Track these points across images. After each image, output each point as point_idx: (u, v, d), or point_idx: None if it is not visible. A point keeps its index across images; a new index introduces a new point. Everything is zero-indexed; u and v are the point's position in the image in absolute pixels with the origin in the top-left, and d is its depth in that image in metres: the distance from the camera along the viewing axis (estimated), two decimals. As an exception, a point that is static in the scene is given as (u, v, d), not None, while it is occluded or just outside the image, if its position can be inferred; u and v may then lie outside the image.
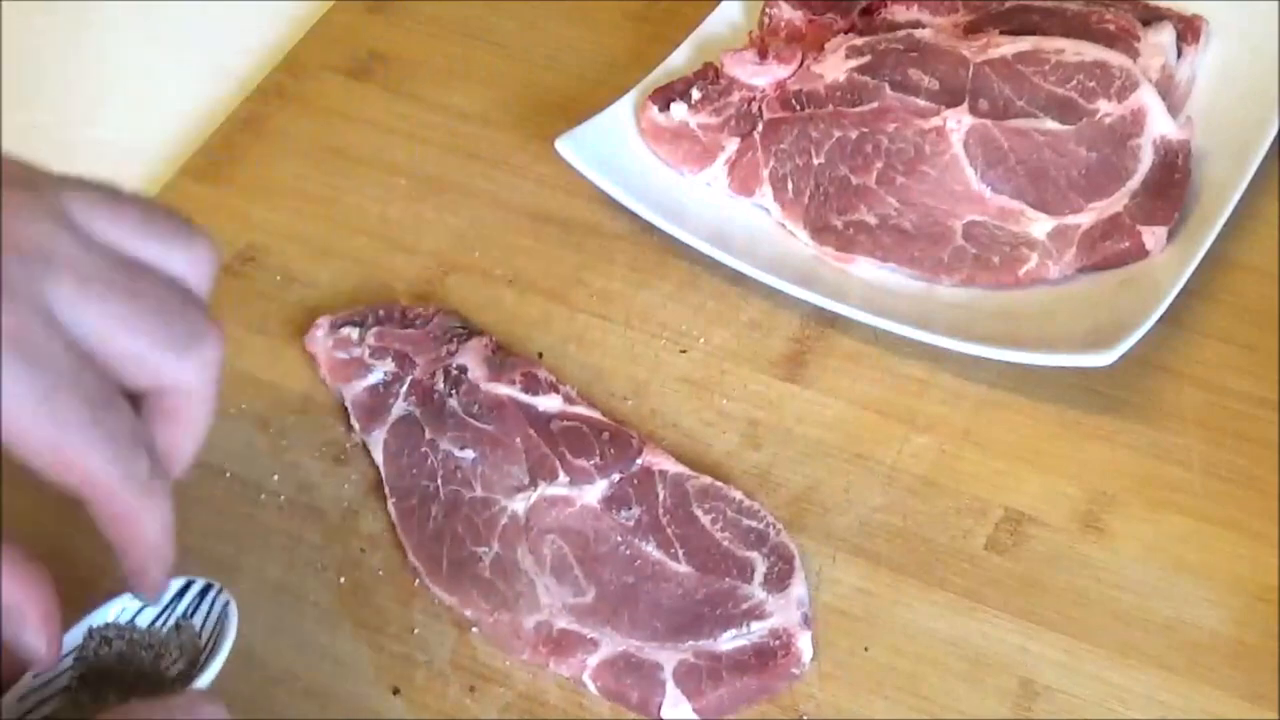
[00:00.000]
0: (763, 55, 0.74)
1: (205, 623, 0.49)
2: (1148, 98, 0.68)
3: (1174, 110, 0.70)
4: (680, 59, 0.77)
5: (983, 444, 0.63)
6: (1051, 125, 0.69)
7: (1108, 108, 0.69)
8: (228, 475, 0.64)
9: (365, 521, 0.63)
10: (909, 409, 0.65)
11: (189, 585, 0.50)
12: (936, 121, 0.70)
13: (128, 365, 0.41)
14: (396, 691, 0.58)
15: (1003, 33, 0.72)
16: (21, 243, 0.39)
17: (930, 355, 0.65)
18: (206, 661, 0.47)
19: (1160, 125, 0.68)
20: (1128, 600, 0.58)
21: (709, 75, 0.75)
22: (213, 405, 0.44)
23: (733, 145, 0.73)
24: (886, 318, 0.65)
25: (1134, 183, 0.68)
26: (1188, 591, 0.58)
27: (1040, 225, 0.68)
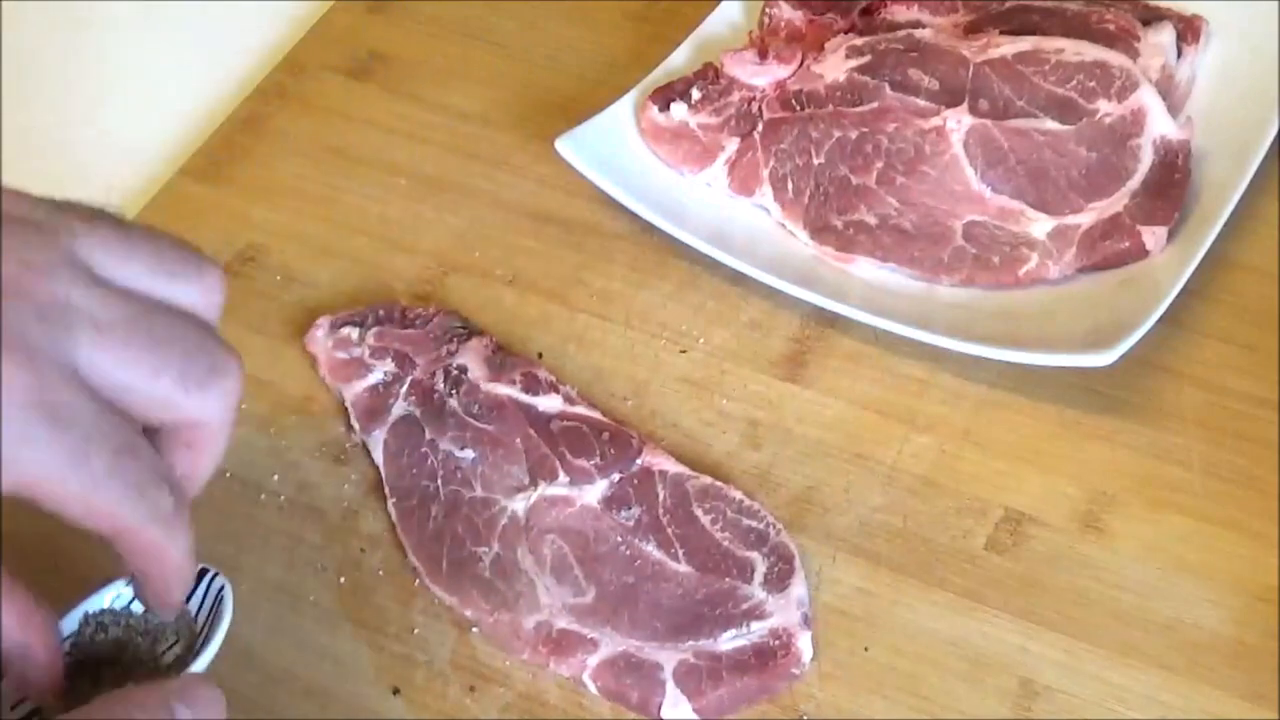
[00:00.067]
0: (763, 55, 0.74)
1: (201, 607, 0.49)
2: (1148, 98, 0.68)
3: (1174, 110, 0.70)
4: (680, 59, 0.77)
5: (983, 444, 0.63)
6: (1051, 125, 0.69)
7: (1108, 108, 0.69)
8: (228, 475, 0.64)
9: (365, 521, 0.63)
10: (909, 409, 0.65)
11: None
12: (936, 121, 0.70)
13: (151, 407, 0.41)
14: (396, 691, 0.58)
15: (1003, 33, 0.72)
16: (39, 296, 0.39)
17: (930, 355, 0.65)
18: (203, 646, 0.47)
19: (1160, 125, 0.68)
20: (1128, 600, 0.58)
21: (709, 75, 0.75)
22: (230, 430, 0.44)
23: (733, 145, 0.73)
24: (886, 318, 0.65)
25: (1134, 183, 0.68)
26: (1188, 591, 0.58)
27: (1040, 225, 0.68)
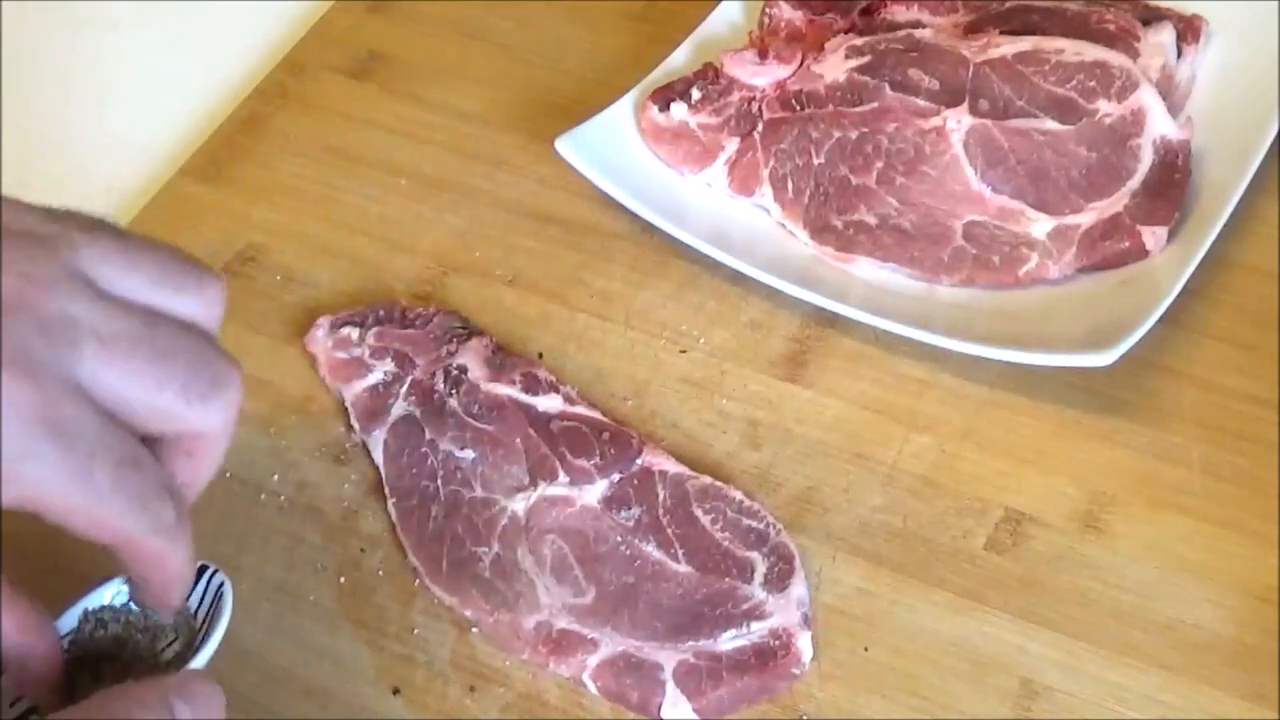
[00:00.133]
0: (763, 55, 0.74)
1: (201, 604, 0.49)
2: (1148, 98, 0.68)
3: (1174, 110, 0.70)
4: (680, 59, 0.77)
5: (983, 444, 0.63)
6: (1051, 125, 0.69)
7: (1108, 108, 0.69)
8: (228, 475, 0.64)
9: (365, 521, 0.63)
10: (909, 409, 0.65)
11: None
12: (936, 121, 0.70)
13: (153, 419, 0.41)
14: (396, 691, 0.58)
15: (1003, 33, 0.72)
16: (41, 311, 0.39)
17: (930, 355, 0.65)
18: (202, 642, 0.47)
19: (1160, 125, 0.68)
20: (1128, 600, 0.58)
21: (709, 75, 0.75)
22: (230, 438, 0.44)
23: (733, 145, 0.73)
24: (886, 318, 0.65)
25: (1134, 183, 0.67)
26: (1188, 591, 0.58)
27: (1040, 225, 0.68)
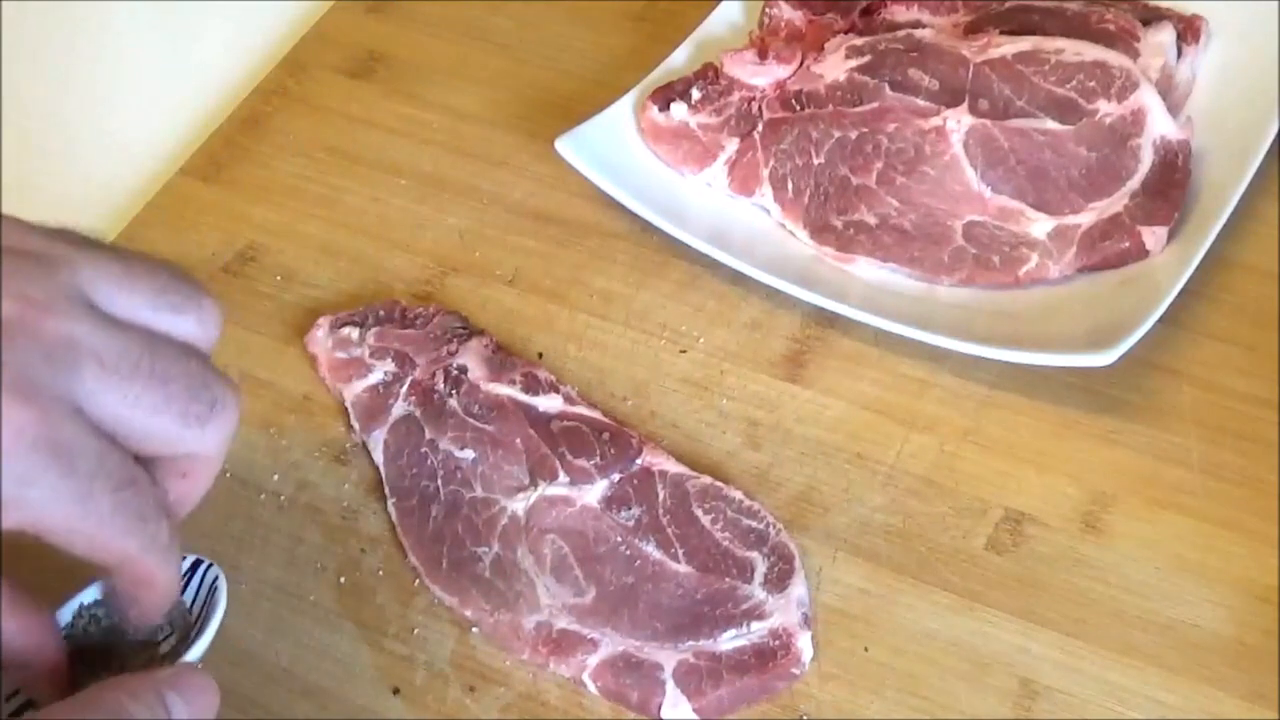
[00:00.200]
0: (763, 55, 0.74)
1: (196, 598, 0.49)
2: (1148, 98, 0.68)
3: (1174, 110, 0.70)
4: (680, 59, 0.77)
5: (983, 444, 0.63)
6: (1051, 125, 0.69)
7: (1108, 108, 0.69)
8: (228, 475, 0.64)
9: (365, 521, 0.63)
10: (909, 409, 0.65)
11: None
12: (936, 121, 0.70)
13: (151, 441, 0.42)
14: (396, 691, 0.58)
15: (1003, 33, 0.72)
16: (44, 334, 0.39)
17: (930, 355, 0.65)
18: (196, 636, 0.47)
19: (1160, 125, 0.68)
20: (1128, 600, 0.58)
21: (709, 75, 0.75)
22: (223, 459, 0.44)
23: (733, 145, 0.73)
24: (886, 318, 0.65)
25: (1134, 183, 0.68)
26: (1188, 591, 0.58)
27: (1040, 225, 0.68)
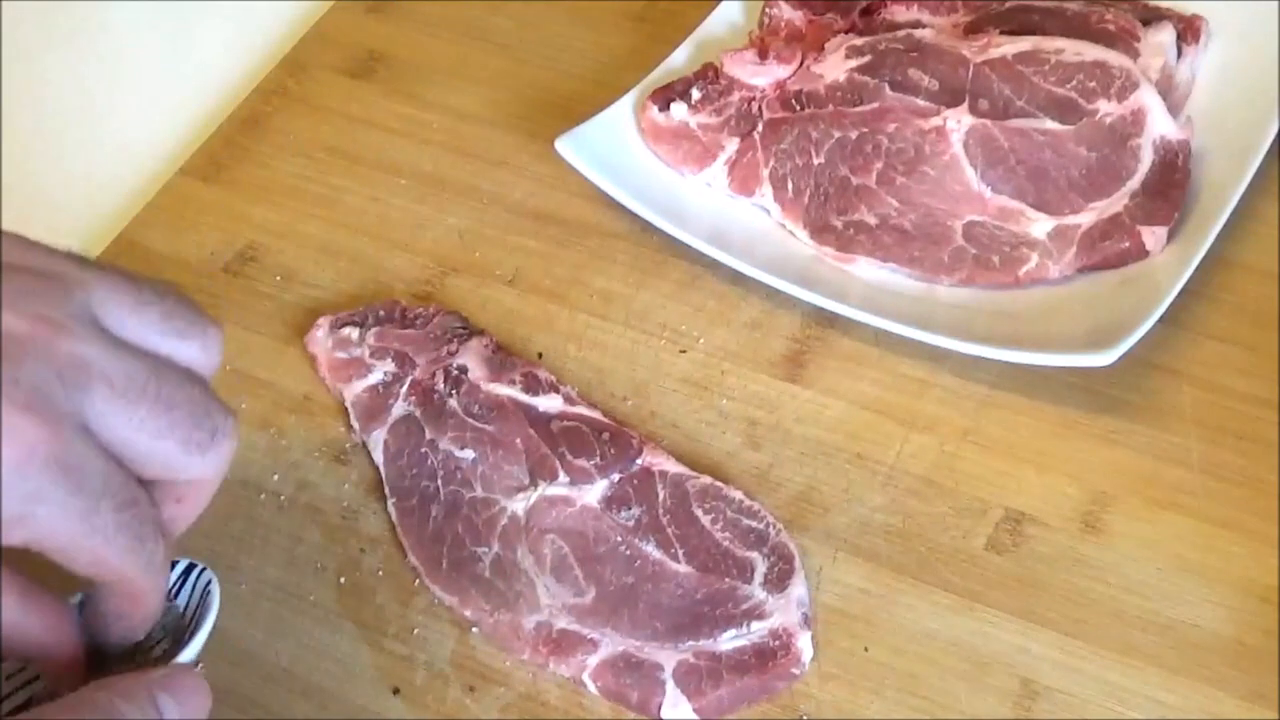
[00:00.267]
0: (763, 55, 0.74)
1: (189, 602, 0.49)
2: (1148, 98, 0.68)
3: (1174, 110, 0.70)
4: (680, 59, 0.77)
5: (983, 444, 0.63)
6: (1051, 125, 0.69)
7: (1108, 108, 0.69)
8: (228, 475, 0.64)
9: (365, 521, 0.63)
10: (909, 409, 0.65)
11: (172, 566, 0.50)
12: (936, 121, 0.70)
13: (152, 465, 0.42)
14: (396, 692, 0.58)
15: (1003, 33, 0.72)
16: (57, 353, 0.40)
17: (930, 355, 0.65)
18: (189, 640, 0.47)
19: (1160, 125, 0.68)
20: (1128, 600, 0.58)
21: (709, 75, 0.75)
22: (218, 484, 0.45)
23: (733, 145, 0.73)
24: (886, 318, 0.65)
25: (1134, 183, 0.68)
26: (1188, 591, 0.58)
27: (1040, 225, 0.68)
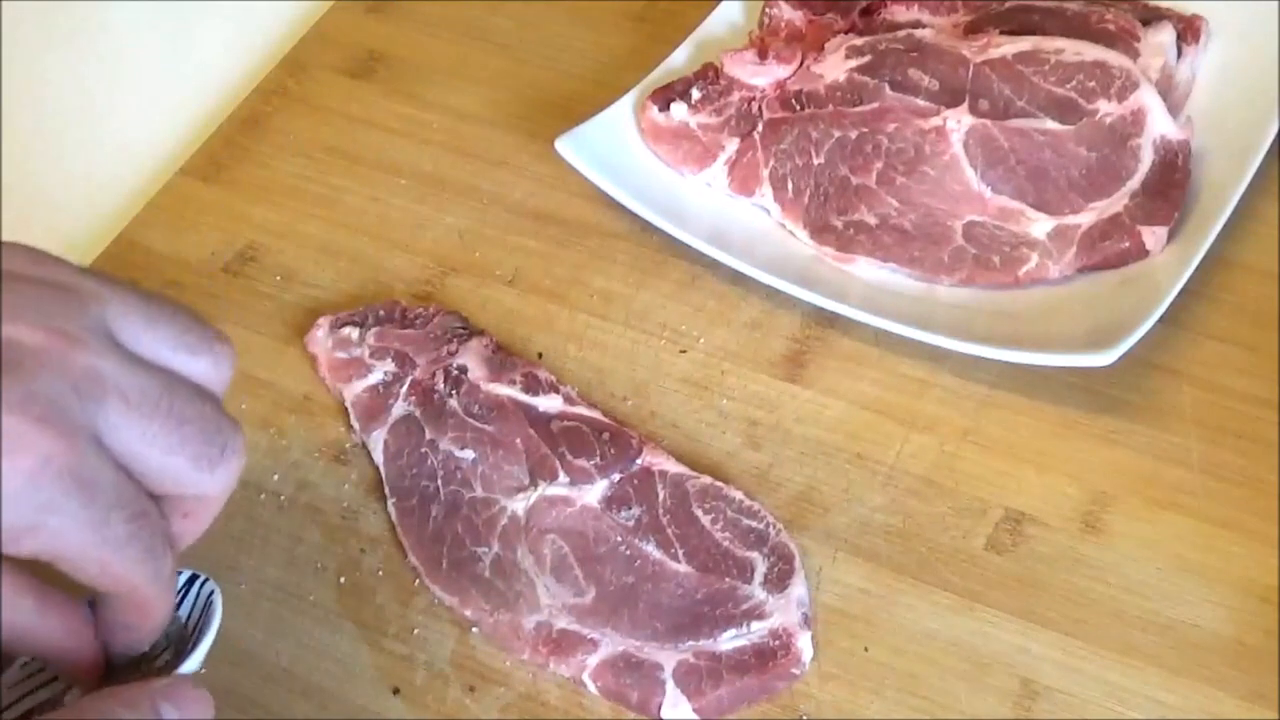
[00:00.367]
0: (763, 55, 0.74)
1: (191, 612, 0.49)
2: (1148, 98, 0.68)
3: (1174, 110, 0.70)
4: (680, 59, 0.77)
5: (983, 444, 0.63)
6: (1051, 125, 0.69)
7: (1108, 108, 0.69)
8: (228, 475, 0.64)
9: (365, 521, 0.63)
10: (909, 409, 0.65)
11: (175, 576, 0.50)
12: (936, 121, 0.70)
13: (162, 480, 0.42)
14: (396, 692, 0.58)
15: (1003, 33, 0.72)
16: (73, 367, 0.40)
17: (930, 355, 0.65)
18: (191, 650, 0.47)
19: (1160, 125, 0.68)
20: (1128, 600, 0.58)
21: (709, 75, 0.75)
22: (225, 501, 0.45)
23: (733, 145, 0.73)
24: (886, 318, 0.65)
25: (1134, 183, 0.67)
26: (1188, 591, 0.58)
27: (1040, 225, 0.68)
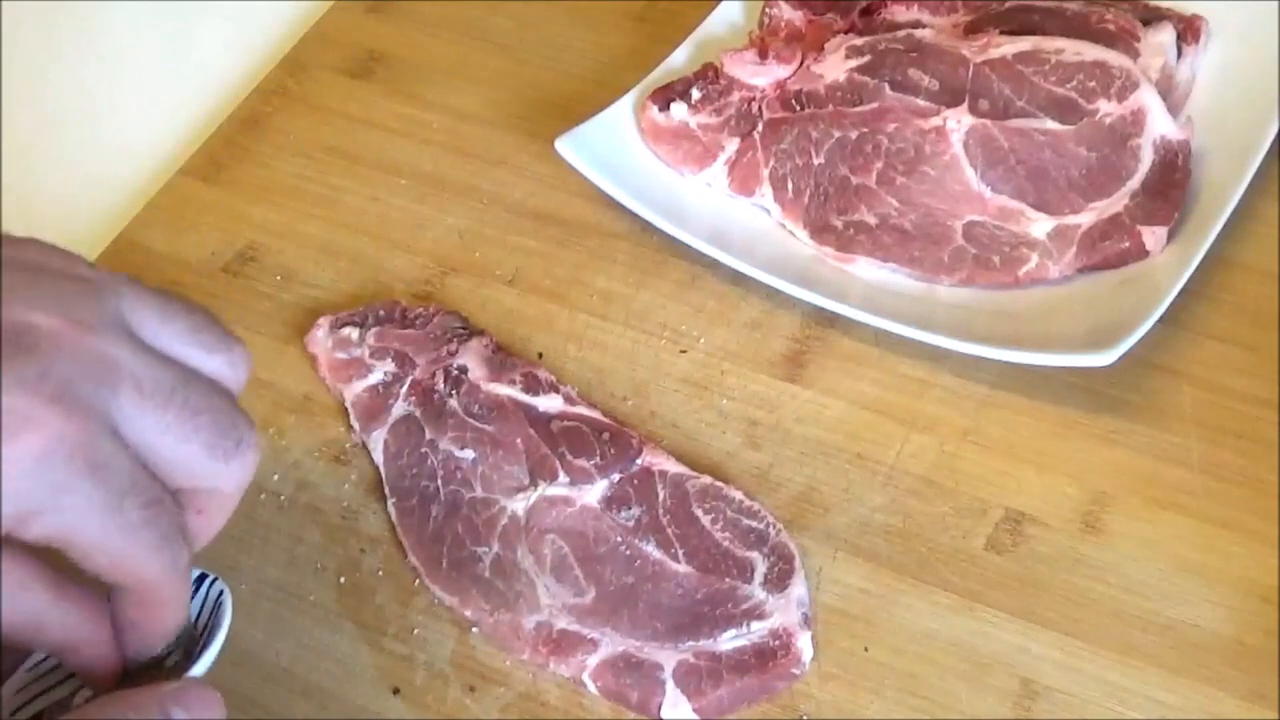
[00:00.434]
0: (763, 55, 0.74)
1: (201, 612, 0.49)
2: (1148, 98, 0.68)
3: (1174, 110, 0.70)
4: (680, 59, 0.77)
5: (983, 444, 0.63)
6: (1051, 125, 0.69)
7: (1108, 108, 0.69)
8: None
9: (365, 521, 0.63)
10: (909, 409, 0.65)
11: None
12: (936, 121, 0.70)
13: (177, 471, 0.43)
14: (396, 692, 0.58)
15: (1003, 33, 0.72)
16: (87, 351, 0.40)
17: (930, 355, 0.65)
18: (201, 652, 0.47)
19: (1160, 125, 0.68)
20: (1128, 600, 0.58)
21: (709, 75, 0.75)
22: (239, 499, 0.45)
23: (733, 145, 0.73)
24: (886, 318, 0.65)
25: (1134, 183, 0.67)
26: (1188, 591, 0.58)
27: (1040, 225, 0.68)
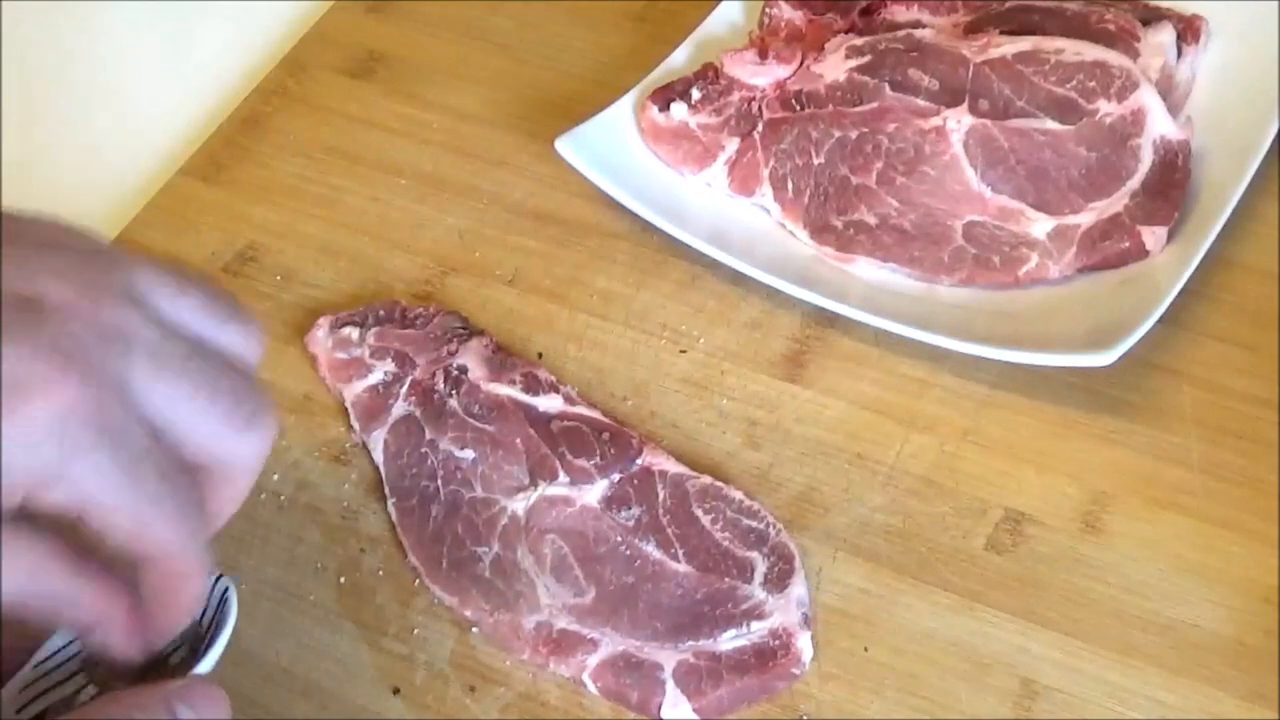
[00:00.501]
0: (763, 55, 0.74)
1: (206, 610, 0.49)
2: (1148, 98, 0.68)
3: (1174, 110, 0.70)
4: (680, 59, 0.77)
5: (983, 444, 0.63)
6: (1051, 125, 0.69)
7: (1108, 108, 0.69)
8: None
9: (365, 521, 0.63)
10: (909, 409, 0.65)
11: None
12: (936, 121, 0.70)
13: (192, 442, 0.43)
14: (396, 691, 0.58)
15: (1003, 33, 0.72)
16: (101, 320, 0.41)
17: (930, 355, 0.65)
18: (207, 648, 0.47)
19: (1160, 125, 0.68)
20: (1128, 600, 0.58)
21: (709, 75, 0.75)
22: (255, 479, 0.45)
23: (733, 145, 0.73)
24: (886, 318, 0.65)
25: (1134, 183, 0.68)
26: (1188, 591, 0.58)
27: (1040, 225, 0.68)
